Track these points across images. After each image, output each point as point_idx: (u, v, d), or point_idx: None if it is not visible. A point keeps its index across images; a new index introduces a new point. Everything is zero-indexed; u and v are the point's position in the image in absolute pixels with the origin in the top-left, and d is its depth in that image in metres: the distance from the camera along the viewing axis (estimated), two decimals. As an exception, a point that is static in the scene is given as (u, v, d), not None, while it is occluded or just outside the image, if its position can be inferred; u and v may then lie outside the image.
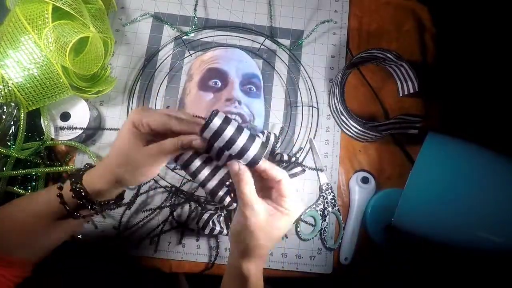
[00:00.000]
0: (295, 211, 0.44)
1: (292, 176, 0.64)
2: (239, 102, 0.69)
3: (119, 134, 0.44)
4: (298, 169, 0.63)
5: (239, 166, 0.42)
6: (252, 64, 0.73)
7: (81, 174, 0.45)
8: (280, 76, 0.73)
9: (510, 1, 0.70)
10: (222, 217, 0.62)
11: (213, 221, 0.61)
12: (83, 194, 0.44)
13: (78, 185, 0.44)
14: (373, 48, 0.67)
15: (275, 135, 0.63)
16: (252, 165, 0.42)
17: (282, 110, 0.71)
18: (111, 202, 0.47)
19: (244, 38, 0.74)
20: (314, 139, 0.70)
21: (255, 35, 0.74)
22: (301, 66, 0.73)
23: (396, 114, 0.64)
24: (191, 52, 0.73)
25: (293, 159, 0.64)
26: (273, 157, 0.64)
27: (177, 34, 0.73)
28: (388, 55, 0.66)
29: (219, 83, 0.71)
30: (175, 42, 0.74)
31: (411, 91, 0.69)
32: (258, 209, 0.42)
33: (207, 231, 0.60)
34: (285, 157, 0.63)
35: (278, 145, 0.67)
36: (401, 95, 0.72)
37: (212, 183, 0.46)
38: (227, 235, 0.63)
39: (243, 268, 0.44)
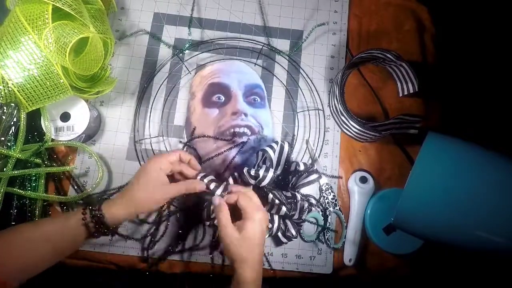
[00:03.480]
0: (255, 216, 0.52)
1: (309, 183, 0.63)
2: (246, 114, 0.68)
3: (144, 172, 0.54)
4: (314, 176, 0.63)
5: (219, 201, 0.54)
6: (253, 74, 0.72)
7: (100, 204, 0.53)
8: (280, 80, 0.73)
9: (510, 1, 0.70)
10: None
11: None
12: (103, 221, 0.52)
13: (99, 213, 0.52)
14: (373, 48, 0.67)
15: (288, 143, 0.63)
16: None
17: (283, 115, 0.71)
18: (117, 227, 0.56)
19: (243, 48, 0.74)
20: (316, 140, 0.70)
21: (254, 44, 0.74)
22: (300, 69, 0.73)
23: (396, 114, 0.64)
24: (190, 69, 0.72)
25: (310, 167, 0.64)
26: (288, 166, 0.63)
27: (179, 46, 0.74)
28: (388, 55, 0.66)
29: (223, 98, 0.69)
30: (172, 56, 0.73)
31: (411, 91, 0.69)
32: (229, 231, 0.52)
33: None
34: (301, 166, 0.62)
35: (291, 153, 0.67)
36: (401, 95, 0.72)
37: None
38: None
39: (237, 272, 0.51)
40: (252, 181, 0.59)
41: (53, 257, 0.51)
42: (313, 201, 0.64)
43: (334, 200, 0.67)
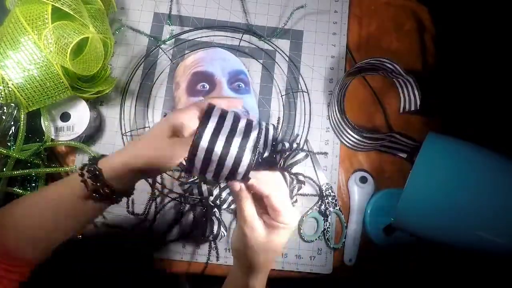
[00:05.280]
0: (292, 223, 0.43)
1: (296, 163, 0.64)
2: None
3: (154, 130, 0.45)
4: (301, 155, 0.63)
5: (240, 186, 0.42)
6: (236, 61, 0.72)
7: (97, 159, 0.45)
8: (264, 66, 0.73)
9: (510, 1, 0.70)
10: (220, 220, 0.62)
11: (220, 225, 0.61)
12: (100, 176, 0.43)
13: (94, 166, 0.43)
14: (380, 56, 0.67)
15: (273, 126, 0.63)
16: (244, 177, 0.41)
17: (269, 99, 0.72)
18: (122, 192, 0.46)
19: (227, 36, 0.74)
20: (308, 136, 0.70)
21: (234, 32, 0.74)
22: (284, 54, 0.74)
23: (399, 121, 0.65)
24: (175, 58, 0.72)
25: (295, 145, 0.64)
26: (274, 147, 0.64)
27: (172, 36, 0.74)
28: (397, 67, 0.66)
29: (207, 86, 0.69)
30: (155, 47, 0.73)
31: (412, 109, 0.69)
32: (256, 227, 0.42)
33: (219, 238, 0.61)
34: (287, 146, 0.63)
35: (278, 135, 0.68)
36: (401, 112, 0.72)
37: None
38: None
39: (248, 284, 0.44)
40: None
41: (63, 223, 0.46)
42: (302, 178, 0.64)
43: (334, 200, 0.67)
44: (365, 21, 0.76)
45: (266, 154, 0.63)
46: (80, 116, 0.65)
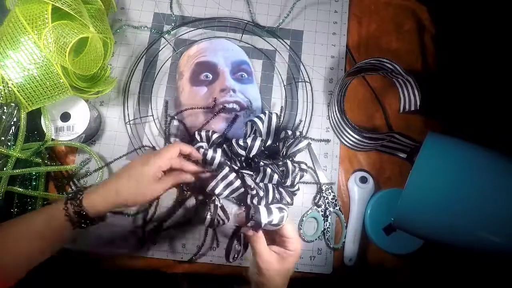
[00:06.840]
0: (299, 249, 0.51)
1: (299, 151, 0.63)
2: (234, 91, 0.69)
3: (139, 171, 0.52)
4: (304, 143, 0.63)
5: (253, 232, 0.50)
6: (239, 51, 0.73)
7: (81, 196, 0.50)
8: (267, 56, 0.73)
9: (510, 1, 0.70)
10: (219, 208, 0.61)
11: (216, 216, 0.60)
12: (85, 215, 0.49)
13: (81, 208, 0.49)
14: (379, 56, 0.67)
15: (276, 114, 0.64)
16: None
17: (272, 88, 0.73)
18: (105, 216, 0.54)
19: (231, 26, 0.75)
20: (309, 135, 0.70)
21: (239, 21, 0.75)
22: (287, 45, 0.74)
23: (399, 121, 0.65)
24: (178, 48, 0.73)
25: (297, 133, 0.64)
26: (278, 135, 0.64)
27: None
28: (397, 67, 0.66)
29: (210, 76, 0.70)
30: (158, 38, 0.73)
31: (412, 109, 0.69)
32: (270, 259, 0.49)
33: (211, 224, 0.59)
34: (289, 132, 0.63)
35: (280, 124, 0.68)
36: (401, 111, 0.72)
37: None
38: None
39: None
40: (242, 152, 0.60)
41: (46, 250, 0.49)
42: (304, 167, 0.64)
43: (334, 200, 0.67)
44: (365, 21, 0.76)
45: (269, 142, 0.63)
46: (80, 116, 0.65)
